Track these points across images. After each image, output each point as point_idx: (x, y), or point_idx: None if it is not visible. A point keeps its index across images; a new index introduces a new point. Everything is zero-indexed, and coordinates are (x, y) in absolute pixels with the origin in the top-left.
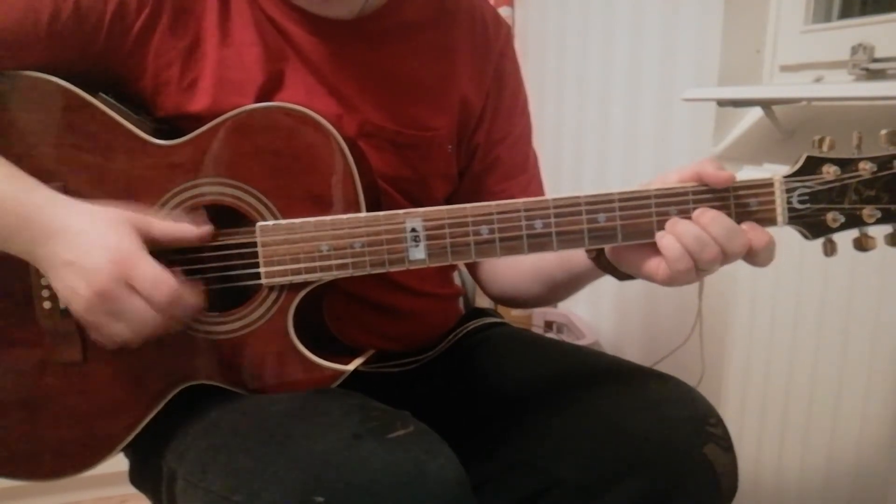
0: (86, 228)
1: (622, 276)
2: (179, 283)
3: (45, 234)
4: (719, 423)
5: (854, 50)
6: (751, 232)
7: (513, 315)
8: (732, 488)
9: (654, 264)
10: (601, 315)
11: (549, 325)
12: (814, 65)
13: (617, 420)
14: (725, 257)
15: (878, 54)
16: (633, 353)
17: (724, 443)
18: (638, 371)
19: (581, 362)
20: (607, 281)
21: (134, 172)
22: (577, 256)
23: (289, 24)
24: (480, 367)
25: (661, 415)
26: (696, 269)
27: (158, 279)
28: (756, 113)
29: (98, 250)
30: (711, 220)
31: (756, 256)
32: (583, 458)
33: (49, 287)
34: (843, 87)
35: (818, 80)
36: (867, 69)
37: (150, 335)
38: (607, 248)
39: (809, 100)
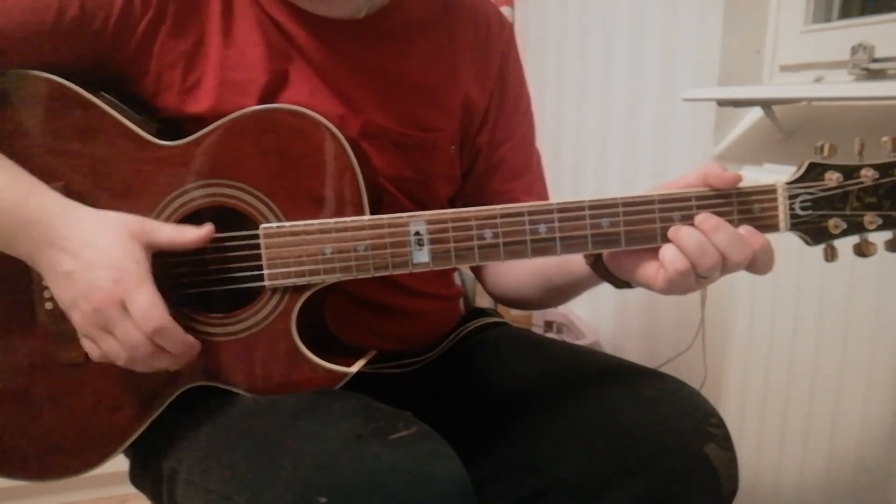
0: (91, 240)
1: (619, 283)
2: (170, 320)
3: (48, 239)
4: (720, 423)
5: (854, 50)
6: (749, 237)
7: (513, 315)
8: (732, 488)
9: (651, 270)
10: (601, 315)
11: (549, 325)
12: (814, 65)
13: (617, 420)
14: (728, 265)
15: (878, 54)
16: (634, 353)
17: (725, 443)
18: (638, 371)
19: (581, 362)
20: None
21: (136, 173)
22: (576, 262)
23: (291, 24)
24: (481, 367)
25: (661, 415)
26: (697, 275)
27: (150, 309)
28: (756, 113)
29: (102, 269)
30: (714, 228)
31: (756, 263)
32: (583, 457)
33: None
34: (843, 87)
35: (818, 80)
36: (867, 69)
37: (140, 361)
38: (605, 254)
39: (809, 100)
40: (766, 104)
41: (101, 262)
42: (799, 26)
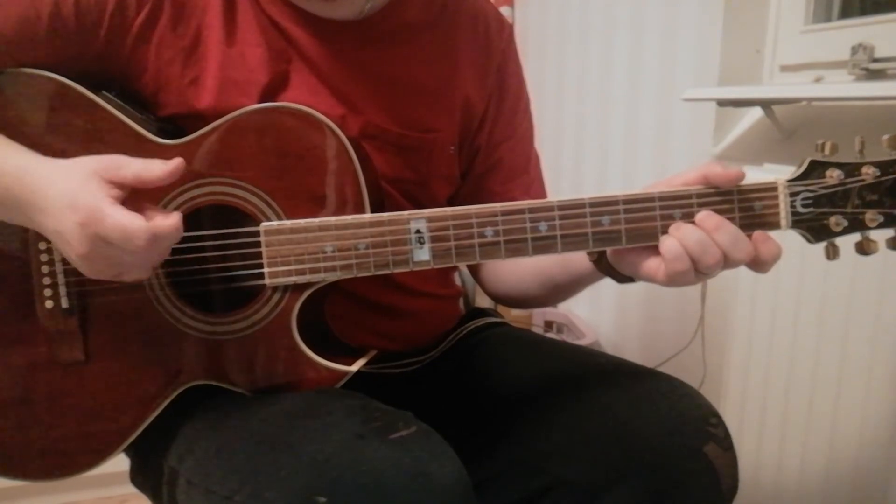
0: (56, 193)
1: (622, 278)
2: (150, 223)
3: (31, 205)
4: (720, 422)
5: (854, 50)
6: (762, 244)
7: (513, 315)
8: (733, 488)
9: (654, 265)
10: (601, 315)
11: (549, 325)
12: (814, 65)
13: (617, 420)
14: (728, 263)
15: (878, 54)
16: (634, 354)
17: (725, 442)
18: (638, 371)
19: (582, 362)
20: (608, 281)
21: None
22: (578, 259)
23: (292, 25)
24: (481, 367)
25: (661, 415)
26: (697, 271)
27: (127, 230)
28: (756, 113)
29: (67, 214)
30: (716, 227)
31: (763, 266)
32: (583, 457)
33: (51, 286)
34: (843, 87)
35: (818, 80)
36: (867, 69)
37: (157, 261)
38: (609, 250)
39: (809, 100)
40: (766, 104)
41: (66, 210)
42: (799, 26)
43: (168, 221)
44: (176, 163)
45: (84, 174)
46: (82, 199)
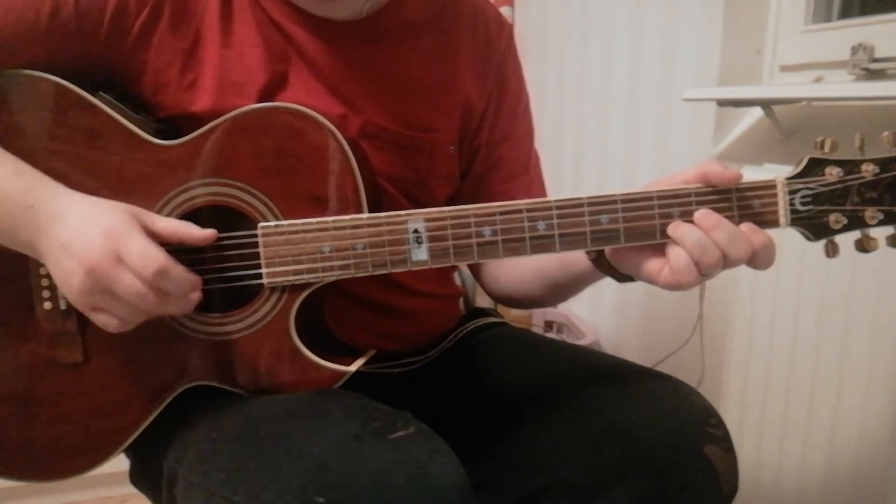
0: (85, 212)
1: (622, 277)
2: (170, 260)
3: (48, 221)
4: (719, 423)
5: (854, 50)
6: (749, 233)
7: (513, 315)
8: (732, 488)
9: (655, 266)
10: (601, 315)
11: (549, 325)
12: (814, 65)
13: (617, 420)
14: (727, 262)
15: (878, 54)
16: (633, 353)
17: (725, 443)
18: (638, 371)
19: (581, 362)
20: (608, 281)
21: (134, 172)
22: (578, 258)
23: (291, 25)
24: (481, 367)
25: (661, 415)
26: (699, 273)
27: (146, 252)
28: (756, 113)
29: (92, 228)
30: (714, 225)
31: (756, 259)
32: (583, 458)
33: (50, 287)
34: (843, 87)
35: (818, 80)
36: (867, 69)
37: (148, 313)
38: (608, 249)
39: (809, 100)
40: (766, 104)
41: (92, 225)
42: (799, 26)
43: (182, 271)
44: (210, 232)
45: (117, 206)
46: (112, 219)
